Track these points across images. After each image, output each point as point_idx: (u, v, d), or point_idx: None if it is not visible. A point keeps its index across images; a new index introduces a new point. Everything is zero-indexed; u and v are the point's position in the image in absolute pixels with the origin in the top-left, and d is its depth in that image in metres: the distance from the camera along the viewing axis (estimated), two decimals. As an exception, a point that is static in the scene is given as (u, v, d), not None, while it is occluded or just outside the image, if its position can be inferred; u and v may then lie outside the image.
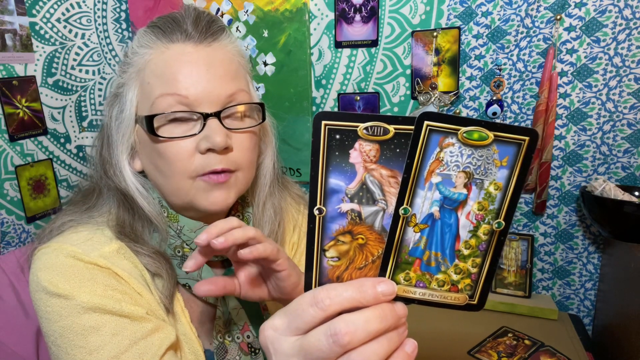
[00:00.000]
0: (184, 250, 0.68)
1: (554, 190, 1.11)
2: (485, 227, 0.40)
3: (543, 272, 1.17)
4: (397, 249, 0.40)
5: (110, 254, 0.63)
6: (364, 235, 0.40)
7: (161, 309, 0.65)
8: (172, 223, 0.68)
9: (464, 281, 0.42)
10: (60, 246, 0.62)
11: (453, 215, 0.40)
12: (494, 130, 0.37)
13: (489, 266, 0.41)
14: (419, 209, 0.39)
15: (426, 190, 0.39)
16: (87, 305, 0.58)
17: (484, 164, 0.39)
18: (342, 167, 0.38)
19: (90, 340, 0.58)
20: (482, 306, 0.42)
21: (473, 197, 0.39)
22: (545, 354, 0.94)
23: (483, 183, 0.39)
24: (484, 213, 0.40)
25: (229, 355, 0.71)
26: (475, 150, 0.38)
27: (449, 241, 0.41)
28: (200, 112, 0.62)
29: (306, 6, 1.15)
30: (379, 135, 0.37)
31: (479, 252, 0.41)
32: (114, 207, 0.67)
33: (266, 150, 0.76)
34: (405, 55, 1.14)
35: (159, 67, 0.63)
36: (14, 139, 1.07)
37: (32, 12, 1.12)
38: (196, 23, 0.64)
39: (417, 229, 0.40)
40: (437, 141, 0.37)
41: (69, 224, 0.66)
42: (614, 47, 1.00)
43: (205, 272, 0.70)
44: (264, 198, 0.76)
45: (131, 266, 0.64)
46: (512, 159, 0.38)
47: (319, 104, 1.23)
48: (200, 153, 0.62)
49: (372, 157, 0.38)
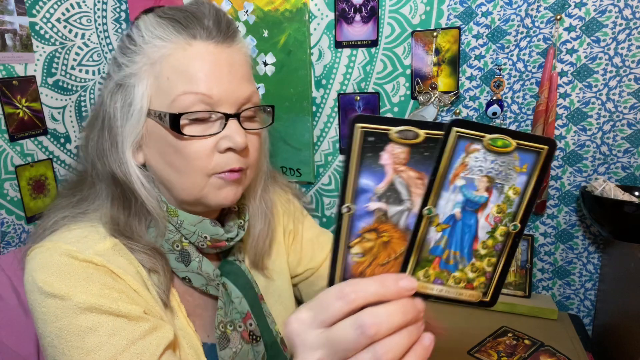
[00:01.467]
0: (183, 244, 0.69)
1: (554, 190, 1.11)
2: (502, 229, 0.43)
3: (543, 272, 1.17)
4: (419, 247, 0.42)
5: (106, 251, 0.63)
6: (388, 233, 0.42)
7: (158, 306, 0.65)
8: (172, 218, 0.68)
9: (479, 279, 0.45)
10: (55, 245, 0.61)
11: (473, 216, 0.42)
12: (516, 138, 0.39)
13: (503, 266, 0.44)
14: (442, 210, 0.41)
15: (450, 192, 0.41)
16: (84, 306, 0.58)
17: (505, 170, 0.41)
18: (373, 168, 0.40)
19: (87, 340, 0.57)
20: (495, 303, 0.45)
21: (493, 200, 0.42)
22: (545, 353, 0.94)
23: (503, 187, 0.42)
24: (501, 216, 0.43)
25: (231, 344, 0.71)
26: (499, 157, 0.40)
27: (467, 241, 0.43)
28: (223, 113, 0.63)
29: (306, 6, 1.15)
30: (410, 139, 0.39)
31: (495, 252, 0.44)
32: (107, 201, 0.66)
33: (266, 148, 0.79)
34: (405, 55, 1.14)
35: (181, 63, 0.62)
36: (14, 139, 1.07)
37: (32, 12, 1.12)
38: (219, 22, 0.64)
39: (439, 229, 0.42)
40: (463, 147, 0.39)
41: (62, 222, 0.66)
42: (614, 47, 1.00)
43: (205, 264, 0.70)
44: (260, 192, 0.80)
45: (126, 263, 0.64)
46: (532, 166, 0.41)
47: (319, 104, 1.23)
48: (218, 152, 0.64)
49: (401, 159, 0.40)
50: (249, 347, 0.73)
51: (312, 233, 0.93)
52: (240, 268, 0.77)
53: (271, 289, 0.84)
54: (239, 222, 0.75)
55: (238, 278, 0.75)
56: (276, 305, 0.83)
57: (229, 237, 0.71)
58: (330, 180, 1.28)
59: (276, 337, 0.78)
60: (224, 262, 0.77)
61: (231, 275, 0.75)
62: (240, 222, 0.75)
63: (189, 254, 0.69)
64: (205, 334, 0.73)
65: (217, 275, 0.72)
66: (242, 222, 0.76)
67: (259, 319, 0.76)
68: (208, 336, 0.73)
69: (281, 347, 0.78)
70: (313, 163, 1.26)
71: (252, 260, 0.81)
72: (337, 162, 1.26)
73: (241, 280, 0.76)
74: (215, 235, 0.70)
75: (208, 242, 0.69)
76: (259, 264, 0.82)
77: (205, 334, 0.73)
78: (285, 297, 0.87)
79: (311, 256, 0.91)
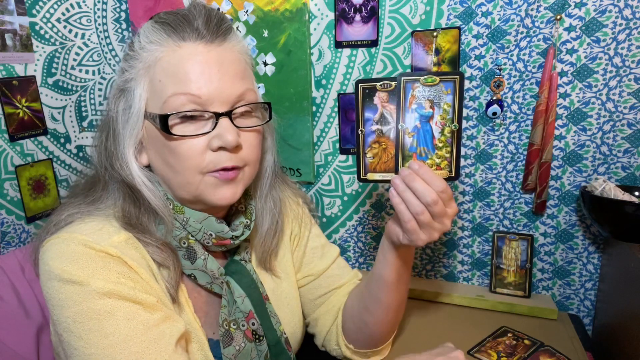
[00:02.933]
0: (189, 241, 0.70)
1: (554, 190, 1.11)
2: (448, 129, 0.72)
3: (543, 272, 1.17)
4: (402, 148, 0.74)
5: (120, 243, 0.64)
6: (385, 143, 0.75)
7: (167, 300, 0.66)
8: (178, 215, 0.69)
9: (443, 162, 0.73)
10: (71, 235, 0.62)
11: (428, 125, 0.73)
12: (438, 75, 0.71)
13: (456, 152, 0.72)
14: (409, 124, 0.73)
15: (410, 113, 0.73)
16: (102, 291, 0.59)
17: (438, 94, 0.72)
18: (370, 106, 0.74)
19: (105, 324, 0.58)
20: (458, 177, 0.73)
21: (436, 113, 0.72)
22: (545, 353, 0.94)
23: (440, 104, 0.72)
24: (444, 121, 0.72)
25: (234, 342, 0.72)
26: (432, 88, 0.72)
27: (429, 140, 0.73)
28: (213, 112, 0.64)
29: (306, 6, 1.15)
30: (387, 88, 0.73)
31: (448, 143, 0.73)
32: (119, 199, 0.68)
33: (266, 145, 0.79)
34: (405, 55, 1.14)
35: (171, 65, 0.64)
36: (14, 139, 1.07)
37: (32, 12, 1.12)
38: (207, 22, 0.65)
39: (410, 135, 0.73)
40: (410, 86, 0.72)
41: (75, 215, 0.67)
42: (614, 47, 1.00)
43: (210, 262, 0.71)
44: (266, 191, 0.80)
45: (139, 256, 0.65)
46: (452, 88, 0.71)
47: (319, 104, 1.23)
48: (211, 150, 0.64)
49: (385, 99, 0.74)
50: (252, 346, 0.74)
51: (317, 242, 0.93)
52: (246, 268, 0.78)
53: (279, 290, 0.85)
54: (245, 222, 0.76)
55: (242, 277, 0.76)
56: (283, 306, 0.84)
57: (233, 235, 0.72)
58: (330, 180, 1.28)
59: (280, 337, 0.78)
60: (230, 261, 0.78)
61: (236, 274, 0.76)
62: (247, 221, 0.76)
63: (195, 251, 0.70)
64: (210, 331, 0.74)
65: (221, 274, 0.73)
66: (248, 221, 0.76)
67: (262, 319, 0.76)
68: (213, 333, 0.74)
69: (285, 347, 0.79)
70: (313, 163, 1.26)
71: (259, 259, 0.82)
72: (337, 162, 1.26)
73: (245, 279, 0.76)
74: (220, 232, 0.71)
75: (213, 240, 0.70)
76: (266, 264, 0.83)
77: (210, 331, 0.74)
78: (291, 297, 0.87)
79: (313, 264, 0.91)
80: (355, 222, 1.29)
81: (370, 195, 1.26)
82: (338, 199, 1.28)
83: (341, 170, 1.26)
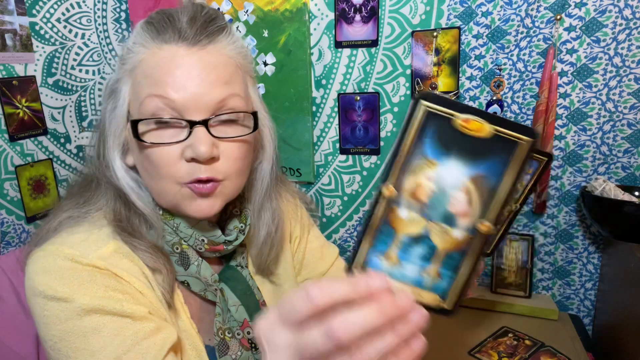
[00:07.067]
0: (182, 246, 0.68)
1: (554, 190, 1.11)
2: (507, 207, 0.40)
3: (543, 272, 1.17)
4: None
5: (109, 254, 0.62)
6: None
7: (163, 307, 0.65)
8: (168, 221, 0.67)
9: None
10: (57, 249, 0.61)
11: None
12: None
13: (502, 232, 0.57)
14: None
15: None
16: (87, 307, 0.57)
17: None
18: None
19: (91, 341, 0.57)
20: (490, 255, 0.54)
21: None
22: (546, 354, 0.94)
23: None
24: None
25: (230, 351, 0.70)
26: None
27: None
28: (188, 119, 0.59)
29: (306, 6, 1.15)
30: None
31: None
32: (111, 199, 0.66)
33: (264, 154, 0.74)
34: (405, 55, 1.14)
35: (149, 67, 0.61)
36: (14, 139, 1.07)
37: (32, 12, 1.12)
38: (192, 22, 0.62)
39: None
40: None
41: (65, 222, 0.65)
42: (614, 47, 1.00)
43: (203, 269, 0.70)
44: (261, 201, 0.75)
45: (131, 264, 0.64)
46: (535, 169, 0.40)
47: (319, 104, 1.23)
48: (185, 160, 0.60)
49: None
50: (249, 354, 0.72)
51: (317, 243, 0.92)
52: (242, 274, 0.75)
53: (279, 293, 0.82)
54: (239, 226, 0.73)
55: (237, 284, 0.74)
56: None
57: (227, 240, 0.70)
58: (330, 180, 1.27)
59: None
60: (226, 267, 0.75)
61: (231, 281, 0.73)
62: (241, 226, 0.73)
63: (188, 257, 0.68)
64: (207, 337, 0.72)
65: (214, 281, 0.71)
66: (242, 225, 0.73)
67: None
68: (209, 339, 0.73)
69: None
70: (313, 163, 1.26)
71: (258, 265, 0.79)
72: (337, 162, 1.26)
73: (240, 286, 0.74)
74: (213, 237, 0.68)
75: (206, 245, 0.68)
76: (265, 269, 0.80)
77: (207, 337, 0.72)
78: None
79: (313, 266, 0.90)
80: (355, 222, 1.29)
81: (370, 195, 1.26)
82: (338, 199, 1.28)
83: (341, 170, 1.26)
